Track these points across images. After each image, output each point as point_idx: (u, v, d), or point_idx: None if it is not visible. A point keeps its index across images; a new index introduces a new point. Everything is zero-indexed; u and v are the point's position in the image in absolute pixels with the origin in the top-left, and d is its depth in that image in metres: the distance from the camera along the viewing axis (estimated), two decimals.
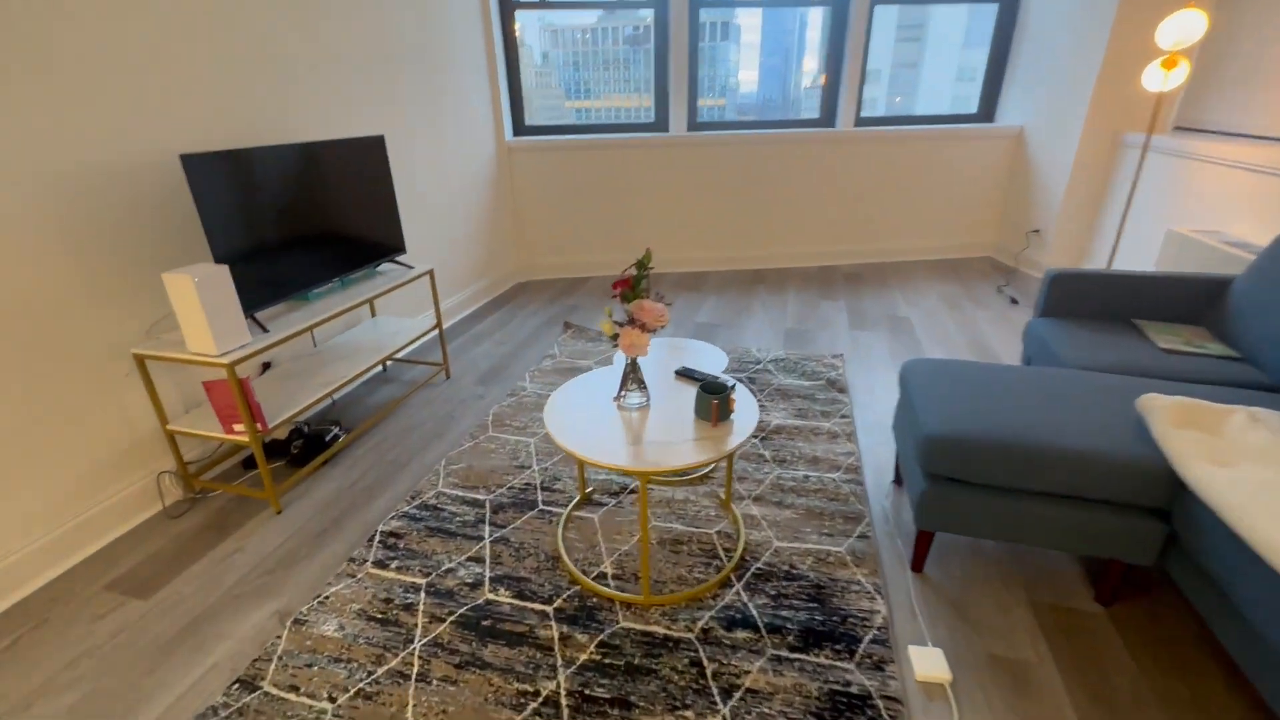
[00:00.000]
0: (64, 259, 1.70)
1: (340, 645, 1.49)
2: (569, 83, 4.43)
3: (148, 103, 1.86)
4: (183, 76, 1.95)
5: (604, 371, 1.90)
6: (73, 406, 1.76)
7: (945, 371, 1.79)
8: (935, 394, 1.67)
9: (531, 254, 4.37)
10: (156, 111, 1.89)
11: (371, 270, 2.62)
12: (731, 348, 3.12)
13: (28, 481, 1.68)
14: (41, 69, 1.61)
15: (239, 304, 1.81)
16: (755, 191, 4.32)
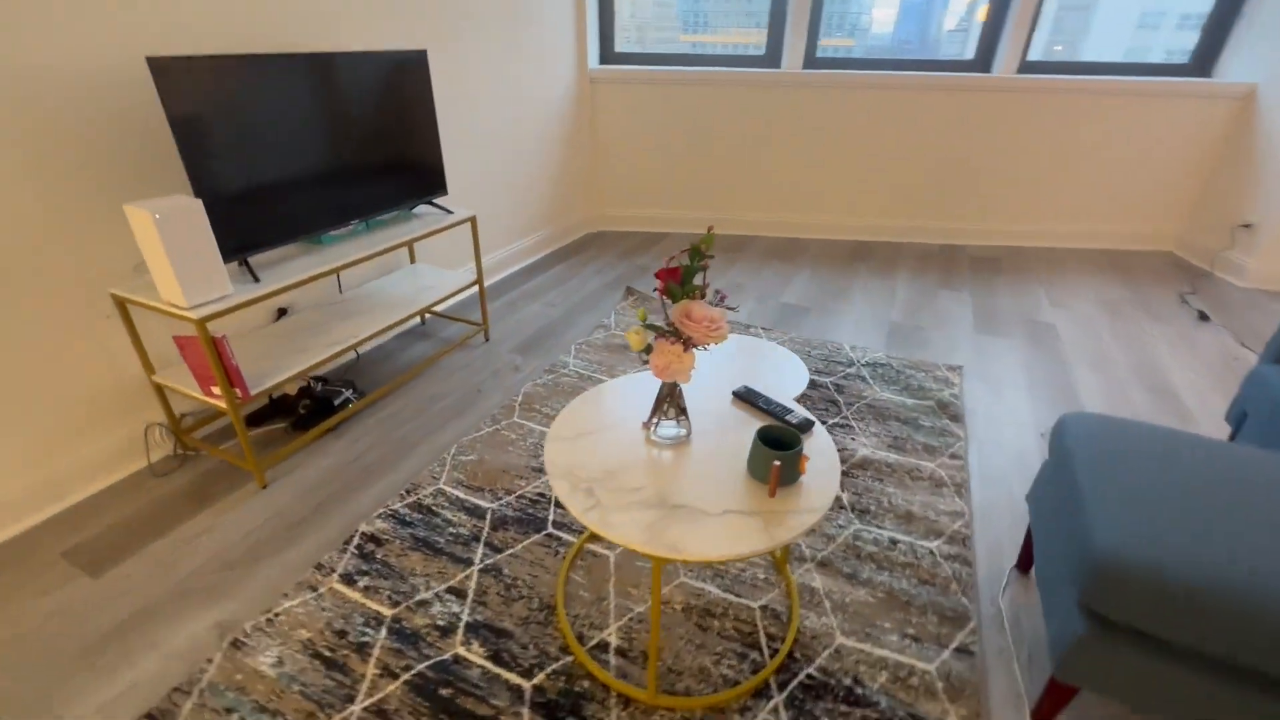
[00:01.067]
0: (25, 180, 1.45)
1: (271, 689, 1.22)
2: (687, 15, 3.79)
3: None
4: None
5: (644, 377, 1.47)
6: (50, 347, 1.56)
7: (1127, 442, 1.22)
8: (1115, 483, 1.12)
9: (608, 202, 3.92)
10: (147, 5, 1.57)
11: (405, 212, 2.28)
12: (819, 341, 2.58)
13: (12, 422, 1.50)
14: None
15: (216, 247, 1.50)
16: (875, 146, 3.60)
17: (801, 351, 2.48)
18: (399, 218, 2.24)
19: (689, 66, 3.56)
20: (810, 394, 2.20)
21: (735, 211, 3.87)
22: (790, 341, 2.57)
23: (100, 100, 1.53)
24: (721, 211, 3.87)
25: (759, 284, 3.17)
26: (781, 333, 2.65)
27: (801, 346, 2.53)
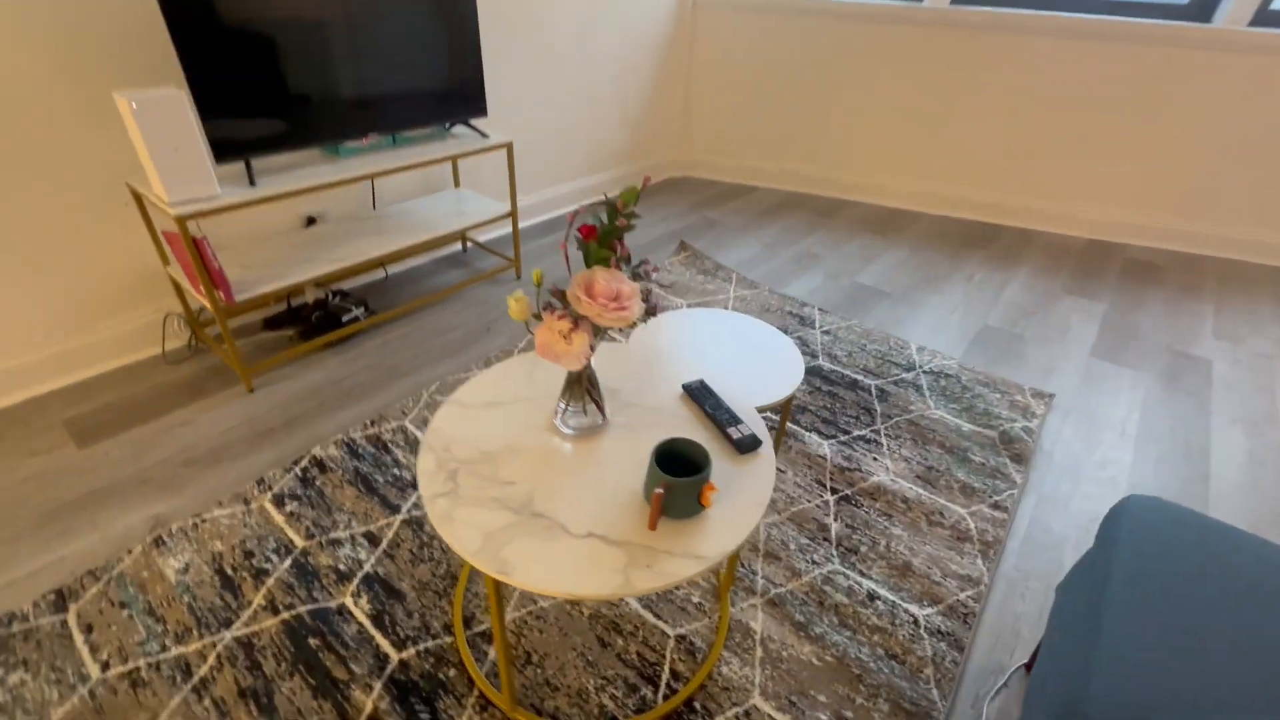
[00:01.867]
0: (56, 65, 1.47)
1: (166, 595, 1.23)
2: None
3: None
4: None
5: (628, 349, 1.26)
6: (77, 230, 1.64)
7: (1202, 555, 0.85)
8: (1153, 612, 0.78)
9: (698, 146, 3.59)
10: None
11: (441, 130, 2.17)
12: (882, 335, 2.18)
13: (33, 293, 1.63)
14: None
15: (202, 145, 1.47)
16: (1026, 106, 2.94)
17: (854, 344, 2.12)
18: (433, 136, 2.13)
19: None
20: (844, 395, 1.87)
21: (836, 170, 3.39)
22: (845, 329, 2.20)
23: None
24: (821, 168, 3.41)
25: (837, 258, 2.76)
26: (839, 318, 2.28)
27: (855, 338, 2.16)
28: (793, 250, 2.81)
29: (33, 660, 1.11)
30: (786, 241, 2.89)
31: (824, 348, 2.10)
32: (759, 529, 1.43)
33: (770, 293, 2.42)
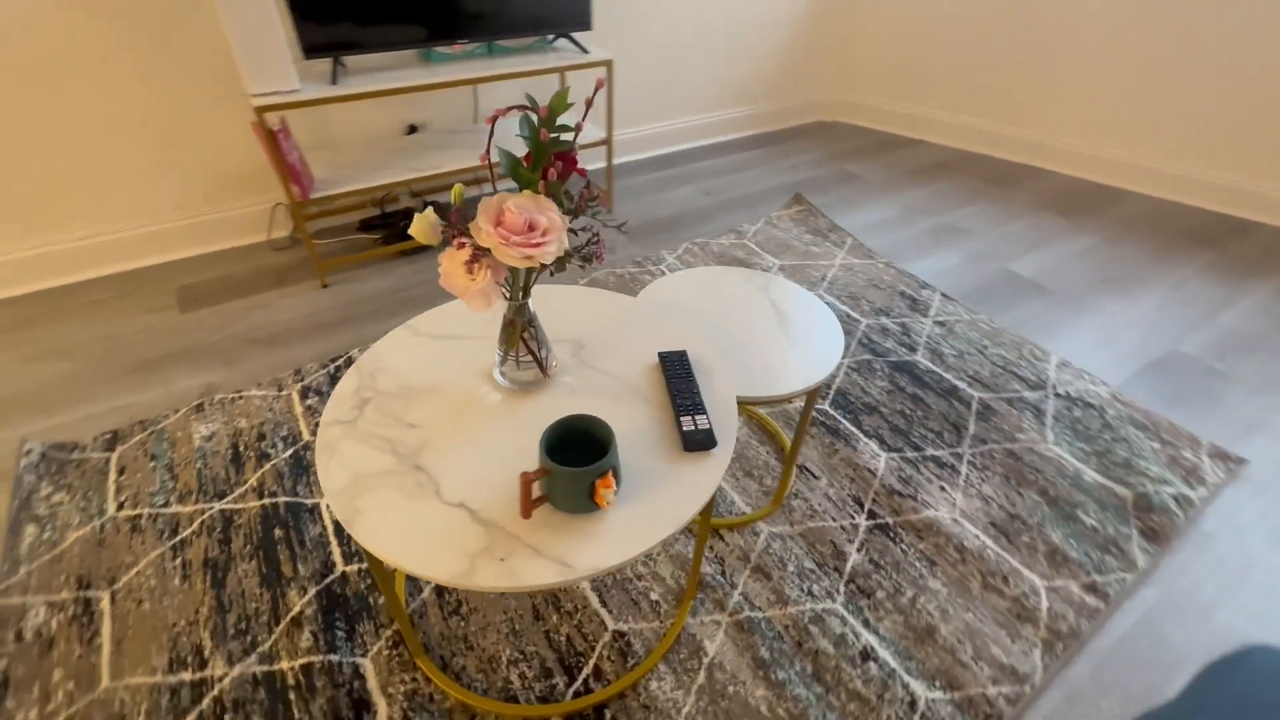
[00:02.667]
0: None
1: (186, 456, 1.34)
2: None
3: None
4: None
5: (643, 305, 1.10)
6: (206, 117, 1.80)
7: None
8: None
9: (855, 85, 3.09)
10: None
11: (543, 42, 2.04)
12: (1014, 339, 1.73)
13: (171, 172, 1.84)
14: None
15: (281, 37, 1.49)
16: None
17: (972, 344, 1.71)
18: (533, 48, 2.01)
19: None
20: (932, 404, 1.52)
21: (1028, 127, 2.72)
22: (967, 324, 1.78)
23: None
24: (1009, 124, 2.76)
25: (992, 237, 2.24)
26: (965, 309, 1.85)
27: (977, 337, 1.74)
28: (936, 220, 2.33)
29: (74, 486, 1.28)
30: (932, 209, 2.40)
31: (929, 341, 1.72)
32: (763, 542, 1.21)
33: (886, 266, 2.03)
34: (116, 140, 1.74)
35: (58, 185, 1.73)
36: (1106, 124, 2.54)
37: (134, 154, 1.78)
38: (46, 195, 1.73)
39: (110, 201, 1.82)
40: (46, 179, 1.71)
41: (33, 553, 1.16)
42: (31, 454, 1.33)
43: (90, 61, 1.62)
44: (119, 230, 1.87)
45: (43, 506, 1.24)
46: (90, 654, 1.02)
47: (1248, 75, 2.21)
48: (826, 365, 1.04)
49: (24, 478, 1.28)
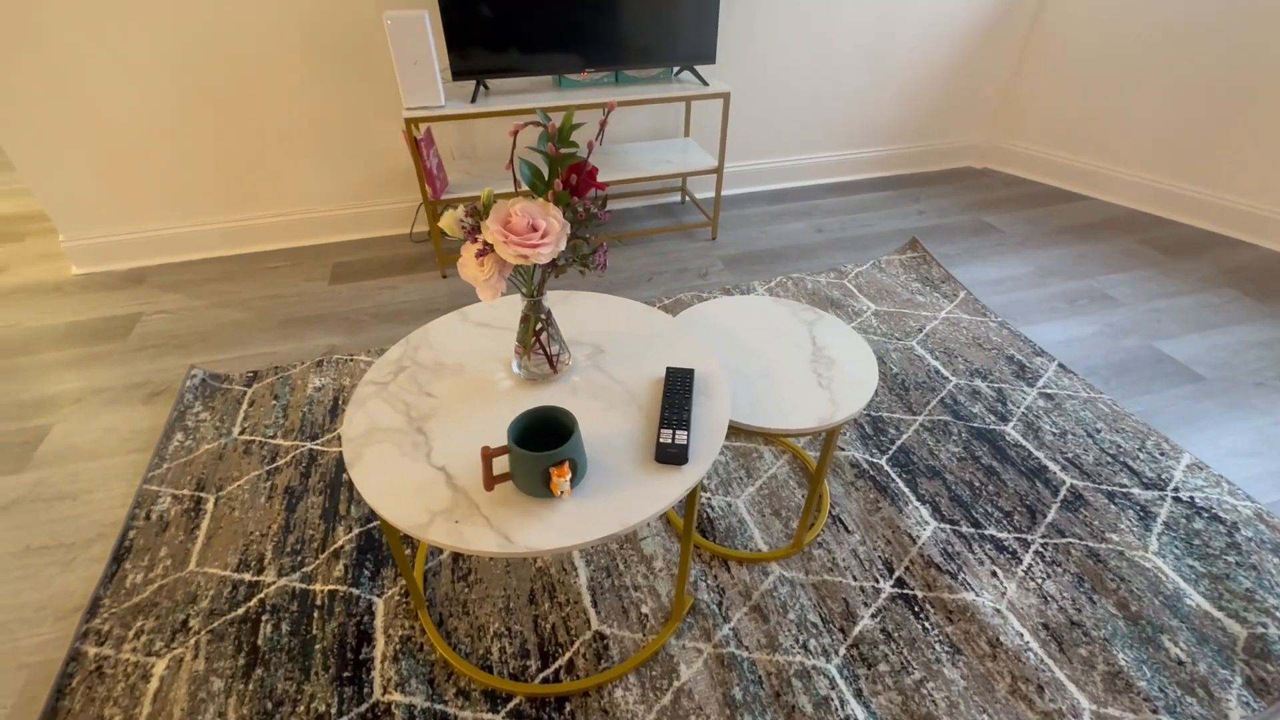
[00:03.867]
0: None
1: (299, 401, 1.60)
2: None
3: None
4: None
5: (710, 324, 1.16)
6: (375, 125, 2.15)
7: None
8: None
9: (1017, 130, 2.85)
10: None
11: (667, 73, 2.15)
12: (1141, 429, 1.49)
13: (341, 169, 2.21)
14: None
15: (434, 60, 1.74)
16: None
17: (1082, 425, 1.50)
18: (658, 78, 2.13)
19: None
20: (1010, 481, 1.36)
21: (1225, 190, 2.32)
22: (1081, 402, 1.56)
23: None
24: (1198, 185, 2.37)
25: (1144, 310, 1.94)
26: (1086, 385, 1.62)
27: (1090, 418, 1.52)
28: (1078, 284, 2.07)
29: (216, 409, 1.58)
30: (1077, 271, 2.14)
31: (1027, 413, 1.54)
32: (771, 583, 1.17)
33: (999, 326, 1.85)
34: (304, 142, 2.13)
35: (257, 174, 2.15)
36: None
37: (316, 154, 2.16)
38: (248, 181, 2.16)
39: (294, 190, 2.22)
40: (250, 168, 2.14)
41: (174, 454, 1.45)
42: (195, 378, 1.67)
43: (291, 81, 2.01)
44: (299, 213, 2.27)
45: (191, 420, 1.54)
46: (188, 541, 1.25)
47: None
48: (844, 410, 0.99)
49: (185, 395, 1.61)
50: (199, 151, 2.07)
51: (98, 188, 2.05)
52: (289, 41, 1.95)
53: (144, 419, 1.57)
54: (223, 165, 2.11)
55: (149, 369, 1.74)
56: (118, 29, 1.82)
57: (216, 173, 2.12)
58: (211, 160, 2.09)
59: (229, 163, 2.11)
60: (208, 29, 1.87)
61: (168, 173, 2.08)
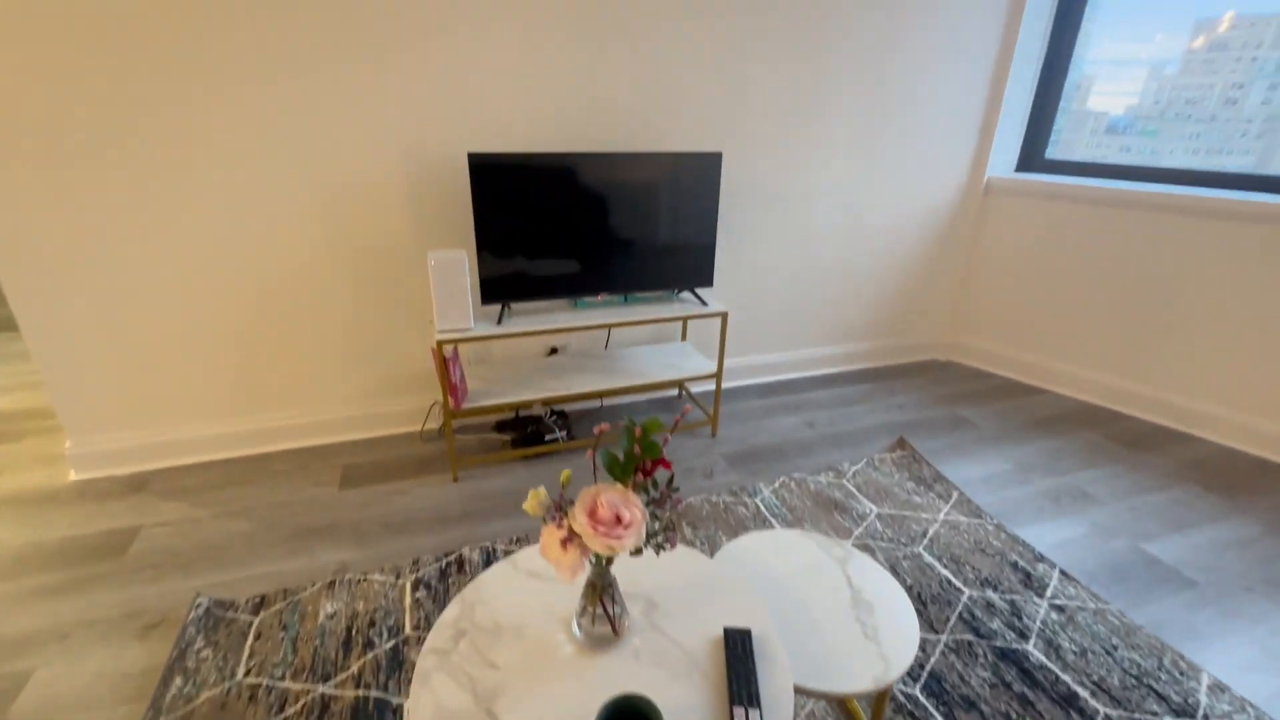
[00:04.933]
0: (405, 218, 2.17)
1: (309, 632, 1.53)
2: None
3: (494, 102, 2.12)
4: (526, 81, 2.13)
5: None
6: (395, 333, 2.31)
7: None
8: None
9: (971, 329, 3.20)
10: (487, 111, 2.13)
11: (670, 294, 2.41)
12: (1151, 644, 1.54)
13: (358, 370, 2.32)
14: (400, 67, 2.02)
15: (468, 293, 1.94)
16: None
17: (1100, 641, 1.54)
18: (662, 298, 2.38)
19: (1160, 185, 2.57)
20: (1045, 710, 1.35)
21: (1167, 389, 2.60)
22: (1092, 614, 1.62)
23: (452, 176, 2.16)
24: (1143, 384, 2.66)
25: (1124, 508, 2.07)
26: (1091, 595, 1.69)
27: (1105, 633, 1.56)
28: (1057, 481, 2.22)
29: (220, 644, 1.50)
30: (1053, 467, 2.30)
31: (1044, 629, 1.57)
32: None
33: (997, 529, 1.94)
34: (327, 349, 2.25)
35: (274, 378, 2.24)
36: (1258, 393, 2.38)
37: (337, 360, 2.28)
38: (264, 384, 2.24)
39: (309, 393, 2.30)
40: (267, 372, 2.23)
41: (172, 705, 1.34)
42: (200, 607, 1.59)
43: (323, 294, 2.18)
44: (311, 415, 2.33)
45: (193, 660, 1.45)
46: None
47: None
48: (896, 666, 1.02)
49: (188, 629, 1.53)
50: (219, 356, 2.16)
51: (114, 392, 2.09)
52: (329, 264, 2.15)
53: (138, 658, 1.46)
54: (240, 369, 2.19)
55: (146, 594, 1.66)
56: (168, 242, 1.98)
57: (233, 376, 2.20)
58: (230, 365, 2.18)
59: (247, 366, 2.20)
60: (258, 250, 2.06)
61: (185, 376, 2.15)
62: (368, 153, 2.05)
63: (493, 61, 2.05)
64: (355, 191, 2.08)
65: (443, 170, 2.14)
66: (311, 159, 2.00)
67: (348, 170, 2.05)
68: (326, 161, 2.02)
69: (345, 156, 2.03)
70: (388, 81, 1.98)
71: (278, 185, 2.00)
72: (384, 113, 2.01)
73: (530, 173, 2.00)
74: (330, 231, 2.10)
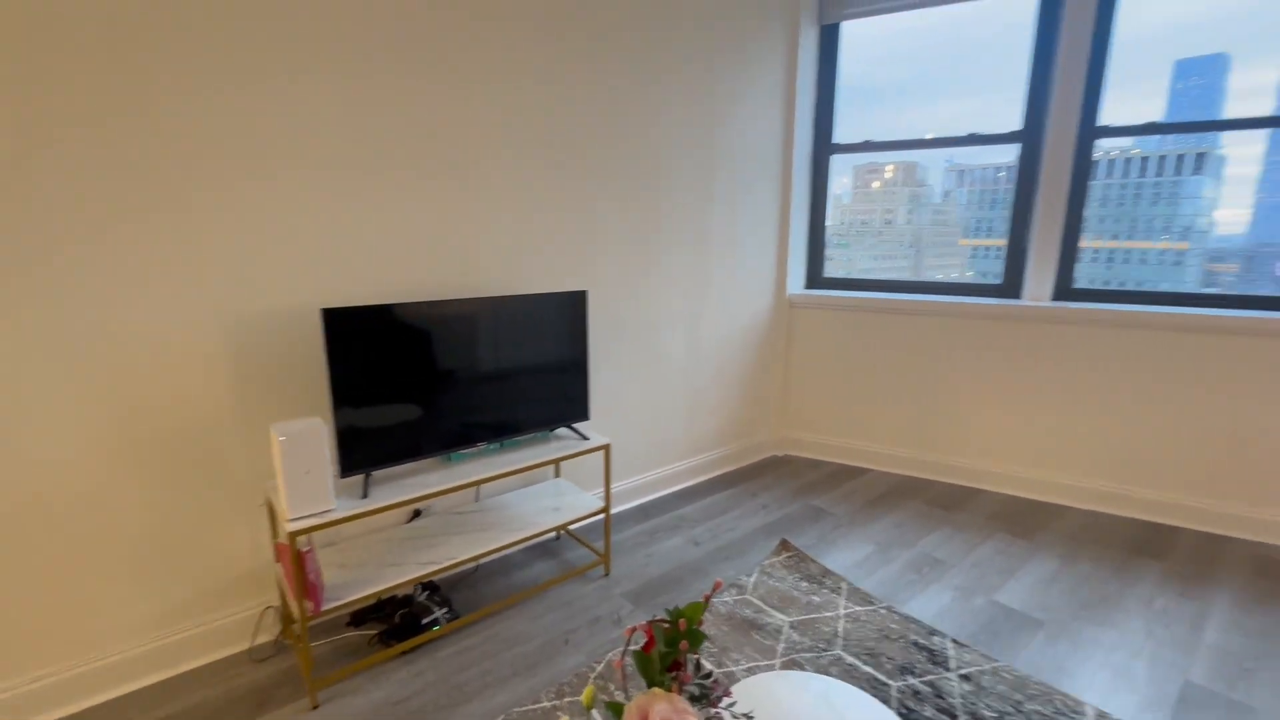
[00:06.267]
0: (228, 388, 1.81)
1: None
2: (974, 221, 3.63)
3: (327, 254, 1.95)
4: (361, 230, 2.03)
5: None
6: (208, 526, 1.83)
7: None
8: None
9: (799, 425, 3.58)
10: (332, 262, 1.97)
11: (545, 433, 2.32)
12: (1041, 690, 1.74)
13: (159, 585, 1.76)
14: (221, 225, 1.79)
15: (329, 469, 1.64)
16: (1178, 399, 2.68)
17: (1006, 701, 1.69)
18: (537, 439, 2.27)
19: (906, 294, 3.25)
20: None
21: (957, 455, 3.17)
22: (990, 675, 1.79)
23: (288, 334, 1.89)
24: (939, 453, 3.21)
25: (968, 567, 2.40)
26: (981, 654, 1.88)
27: (1006, 690, 1.73)
28: (911, 553, 2.50)
29: None
30: (902, 541, 2.59)
31: (966, 703, 1.69)
32: None
33: (889, 612, 2.09)
34: (105, 567, 1.69)
35: (25, 624, 1.60)
36: (1027, 451, 3.01)
37: (120, 579, 1.72)
38: (11, 636, 1.59)
39: (81, 632, 1.67)
40: (13, 620, 1.59)
41: None
42: None
43: (100, 500, 1.67)
44: (87, 662, 1.68)
45: None
46: None
47: (1143, 416, 2.77)
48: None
49: None
50: None
51: None
52: (116, 462, 1.66)
53: None
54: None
55: None
56: None
57: None
58: None
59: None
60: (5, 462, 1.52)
61: None
62: (174, 317, 1.69)
63: (337, 208, 1.90)
64: (158, 365, 1.68)
65: (278, 330, 1.85)
66: (90, 334, 1.59)
67: (145, 341, 1.66)
68: (114, 333, 1.62)
69: (142, 325, 1.65)
70: (200, 237, 1.70)
71: (37, 375, 1.53)
72: (194, 271, 1.70)
73: (394, 325, 1.83)
74: (120, 418, 1.65)
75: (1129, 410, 2.75)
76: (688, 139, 2.80)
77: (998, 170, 3.25)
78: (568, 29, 2.32)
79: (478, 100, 2.13)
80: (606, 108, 2.48)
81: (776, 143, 3.22)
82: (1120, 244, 3.62)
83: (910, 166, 4.44)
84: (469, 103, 2.11)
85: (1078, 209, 2.85)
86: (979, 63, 3.28)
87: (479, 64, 2.12)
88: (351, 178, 1.91)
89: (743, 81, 2.99)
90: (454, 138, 2.09)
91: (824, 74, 3.32)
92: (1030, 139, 2.92)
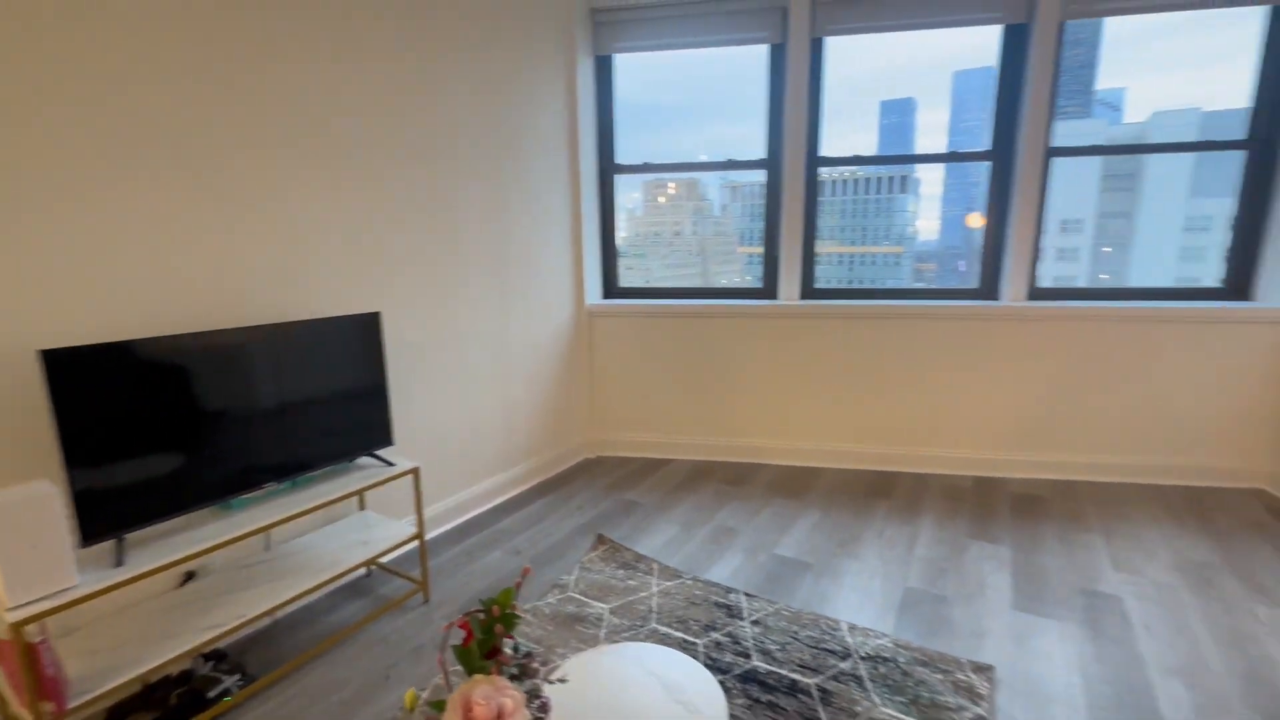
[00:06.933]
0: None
1: None
2: (747, 232, 4.13)
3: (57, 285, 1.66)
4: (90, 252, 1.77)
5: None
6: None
7: None
8: None
9: (607, 427, 3.81)
10: (51, 294, 1.68)
11: (345, 465, 2.19)
12: (811, 617, 2.12)
13: None
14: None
15: (66, 539, 1.38)
16: (892, 373, 3.40)
17: (786, 634, 2.03)
18: (335, 471, 2.13)
19: (689, 300, 3.64)
20: (785, 705, 1.72)
21: (741, 437, 3.64)
22: (773, 616, 2.13)
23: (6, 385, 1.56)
24: (727, 437, 3.66)
25: (754, 529, 2.80)
26: (766, 602, 2.22)
27: (786, 625, 2.08)
28: (709, 527, 2.84)
29: None
30: (701, 519, 2.93)
31: (756, 643, 2.00)
32: None
33: (694, 581, 2.36)
34: None
35: None
36: (796, 426, 3.56)
37: None
38: None
39: None
40: None
41: None
42: None
43: None
44: None
45: None
46: None
47: (868, 388, 3.43)
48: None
49: None
50: None
51: None
52: None
53: None
54: None
55: None
56: None
57: None
58: None
59: None
60: None
61: None
62: None
63: (49, 230, 1.59)
64: None
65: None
66: None
67: None
68: None
69: None
70: None
71: None
72: None
73: (139, 364, 1.59)
74: None
75: (863, 384, 3.44)
76: (481, 163, 2.84)
77: (762, 187, 3.81)
78: (359, 21, 2.22)
79: (237, 90, 1.94)
80: (389, 132, 2.42)
81: (564, 166, 3.40)
82: (854, 249, 4.44)
83: (692, 183, 4.99)
84: (223, 95, 1.91)
85: (813, 222, 3.48)
86: (742, 94, 3.81)
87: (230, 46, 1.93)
88: (70, 192, 1.62)
89: (532, 106, 3.11)
90: (205, 138, 1.88)
91: (602, 100, 3.59)
92: (773, 164, 3.49)
